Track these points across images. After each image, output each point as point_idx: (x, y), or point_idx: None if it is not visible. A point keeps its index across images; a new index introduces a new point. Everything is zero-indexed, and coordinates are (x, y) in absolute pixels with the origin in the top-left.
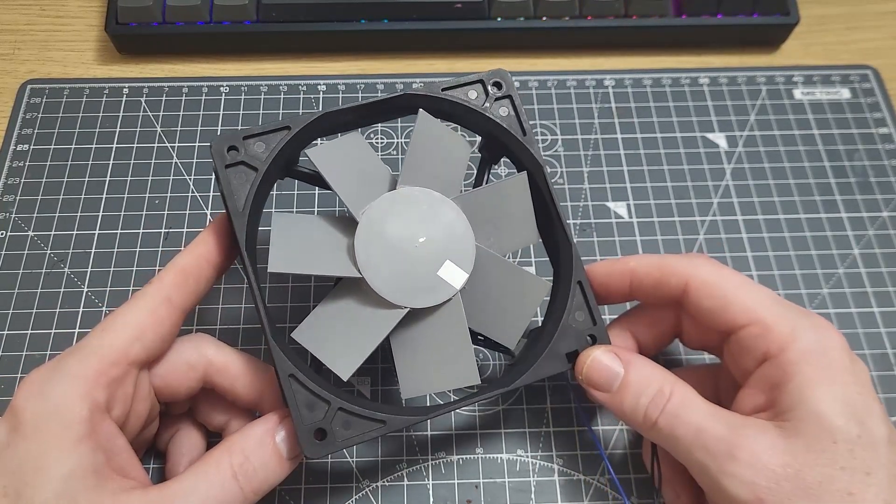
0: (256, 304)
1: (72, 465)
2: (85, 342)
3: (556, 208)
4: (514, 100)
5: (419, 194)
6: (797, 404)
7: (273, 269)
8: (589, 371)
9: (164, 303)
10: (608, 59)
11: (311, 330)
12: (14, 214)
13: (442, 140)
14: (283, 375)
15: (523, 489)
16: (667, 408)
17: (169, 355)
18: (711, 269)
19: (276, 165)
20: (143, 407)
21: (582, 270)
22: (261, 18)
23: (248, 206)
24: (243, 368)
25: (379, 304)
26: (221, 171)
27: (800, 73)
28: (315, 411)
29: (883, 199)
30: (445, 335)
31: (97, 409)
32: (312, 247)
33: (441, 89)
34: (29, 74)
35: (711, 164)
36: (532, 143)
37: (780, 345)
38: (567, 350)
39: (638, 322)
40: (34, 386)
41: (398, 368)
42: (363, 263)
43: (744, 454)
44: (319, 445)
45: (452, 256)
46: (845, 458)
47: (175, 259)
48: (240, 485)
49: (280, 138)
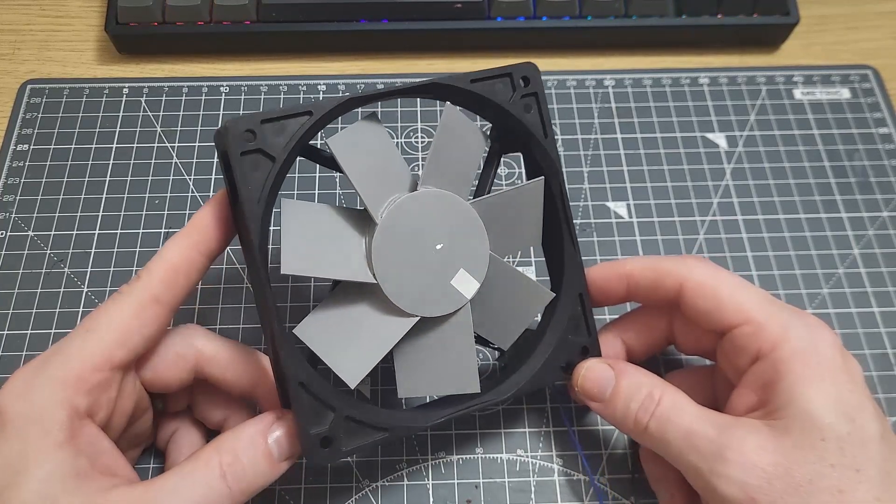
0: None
1: (51, 469)
2: (68, 342)
3: (568, 220)
4: (539, 98)
5: (441, 197)
6: (788, 402)
7: (287, 272)
8: (584, 382)
9: (151, 303)
10: (608, 59)
11: (315, 328)
12: (14, 214)
13: (464, 137)
14: (293, 384)
15: (523, 489)
16: (656, 412)
17: (158, 347)
18: (706, 271)
19: (294, 154)
20: (128, 404)
21: (584, 283)
22: (261, 18)
23: (264, 199)
24: (234, 358)
25: (390, 311)
26: (235, 159)
27: (800, 73)
28: (321, 418)
29: (883, 199)
30: (451, 342)
31: (77, 415)
32: (326, 245)
33: (469, 80)
34: (29, 74)
35: (711, 164)
36: (553, 146)
37: (772, 343)
38: (563, 361)
39: (630, 328)
40: (17, 387)
41: (397, 368)
42: (379, 269)
43: (734, 455)
44: (324, 454)
45: (466, 265)
46: (835, 456)
47: (164, 250)
48: (227, 484)
49: (301, 124)
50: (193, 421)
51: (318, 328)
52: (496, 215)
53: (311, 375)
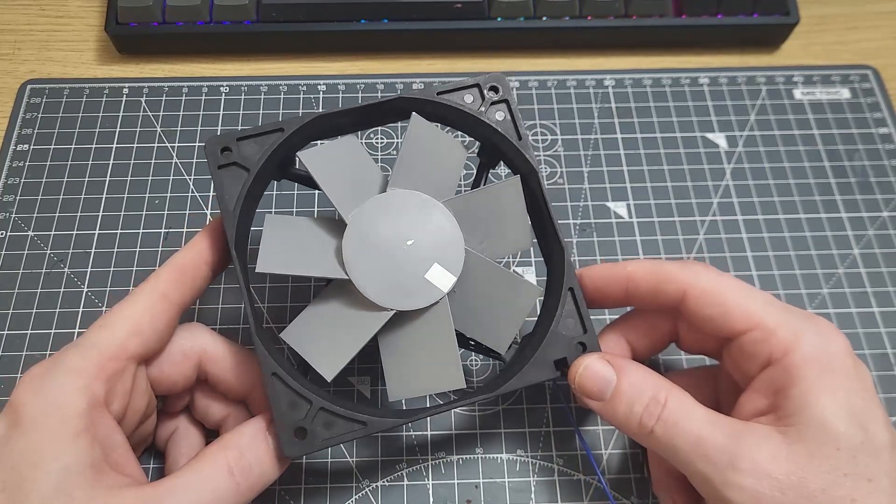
0: (244, 302)
1: (69, 459)
2: (83, 338)
3: (549, 213)
4: (510, 104)
5: (409, 197)
6: (800, 409)
7: (260, 269)
8: (581, 379)
9: (160, 299)
10: (608, 59)
11: (298, 330)
12: (14, 214)
13: (436, 144)
14: (266, 373)
15: (523, 489)
16: (663, 416)
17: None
18: (709, 277)
19: (269, 167)
20: (141, 402)
21: (573, 277)
22: (261, 18)
23: (239, 205)
24: (236, 359)
25: (365, 307)
26: (214, 172)
27: (800, 73)
28: (297, 410)
29: (883, 199)
30: (432, 338)
31: (96, 403)
32: (301, 248)
33: (436, 93)
34: (29, 74)
35: (711, 164)
36: (527, 147)
37: (784, 349)
38: (556, 357)
39: (633, 327)
40: (33, 381)
41: (385, 371)
42: (350, 265)
43: (746, 463)
44: (299, 444)
45: (441, 260)
46: (848, 465)
47: (173, 256)
48: (236, 480)
49: (273, 140)
50: (192, 421)
51: (300, 331)
52: (474, 215)
53: (287, 368)
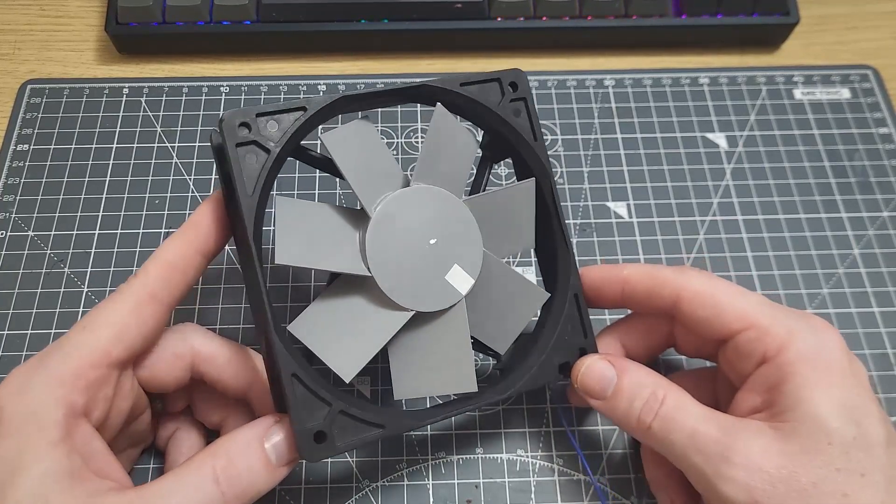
0: (262, 298)
1: (45, 468)
2: (66, 340)
3: (559, 218)
4: (528, 103)
5: (433, 193)
6: (794, 405)
7: (280, 262)
8: (584, 379)
9: (148, 300)
10: (608, 59)
11: (309, 324)
12: (14, 214)
13: (455, 137)
14: (285, 374)
15: (523, 489)
16: (660, 412)
17: (156, 347)
18: (702, 280)
19: (288, 148)
20: (125, 404)
21: (579, 284)
22: (261, 18)
23: (258, 190)
24: (230, 357)
25: (384, 305)
26: (231, 150)
27: (800, 73)
28: (315, 413)
29: (883, 199)
30: (446, 340)
31: (73, 413)
32: (320, 239)
33: (459, 84)
34: (29, 74)
35: (711, 164)
36: (542, 149)
37: (778, 346)
38: (560, 361)
39: (630, 332)
40: (15, 384)
41: (393, 368)
42: (373, 261)
43: (738, 457)
44: (318, 448)
45: (461, 261)
46: (840, 460)
47: (162, 249)
48: (221, 489)
49: (295, 119)
50: (193, 421)
51: (312, 325)
52: (488, 215)
53: (305, 368)
